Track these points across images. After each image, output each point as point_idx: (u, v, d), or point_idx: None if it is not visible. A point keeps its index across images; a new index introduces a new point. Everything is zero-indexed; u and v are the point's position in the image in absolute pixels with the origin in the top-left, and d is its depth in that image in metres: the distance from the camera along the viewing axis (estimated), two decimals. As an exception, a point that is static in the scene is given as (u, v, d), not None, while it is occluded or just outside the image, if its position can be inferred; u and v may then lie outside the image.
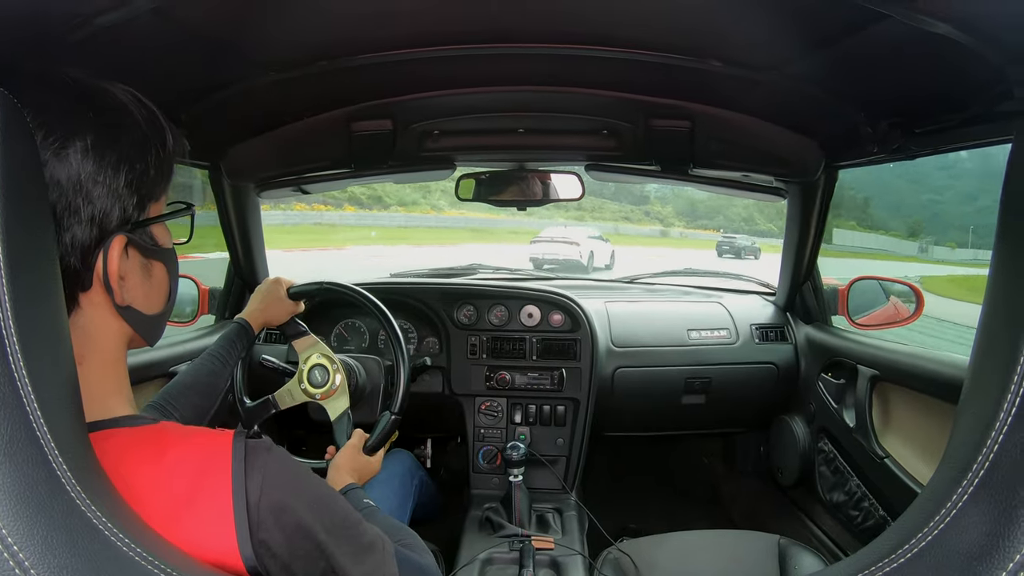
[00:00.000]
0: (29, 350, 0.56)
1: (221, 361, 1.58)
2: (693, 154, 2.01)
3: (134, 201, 0.75)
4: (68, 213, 0.70)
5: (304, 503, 0.79)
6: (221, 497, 0.71)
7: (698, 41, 1.50)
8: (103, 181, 0.72)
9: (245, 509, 0.71)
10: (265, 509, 0.73)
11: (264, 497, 0.73)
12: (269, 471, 0.75)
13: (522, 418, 2.34)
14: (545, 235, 21.94)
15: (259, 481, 0.74)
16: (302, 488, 0.81)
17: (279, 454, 0.79)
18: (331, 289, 1.79)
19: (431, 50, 1.57)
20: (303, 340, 1.76)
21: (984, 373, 0.68)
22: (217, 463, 0.73)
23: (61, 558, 0.52)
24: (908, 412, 1.85)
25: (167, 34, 1.16)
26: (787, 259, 2.40)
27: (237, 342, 1.63)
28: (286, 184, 2.27)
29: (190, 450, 0.74)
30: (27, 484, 0.53)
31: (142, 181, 0.76)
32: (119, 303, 0.76)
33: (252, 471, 0.74)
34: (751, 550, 1.76)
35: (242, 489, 0.72)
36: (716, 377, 2.40)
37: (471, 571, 1.77)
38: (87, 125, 0.70)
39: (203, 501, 0.71)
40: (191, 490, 0.71)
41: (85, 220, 0.71)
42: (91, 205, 0.71)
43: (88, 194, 0.71)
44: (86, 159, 0.70)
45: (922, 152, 1.63)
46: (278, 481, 0.76)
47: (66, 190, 0.69)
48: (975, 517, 0.60)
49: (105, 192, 0.72)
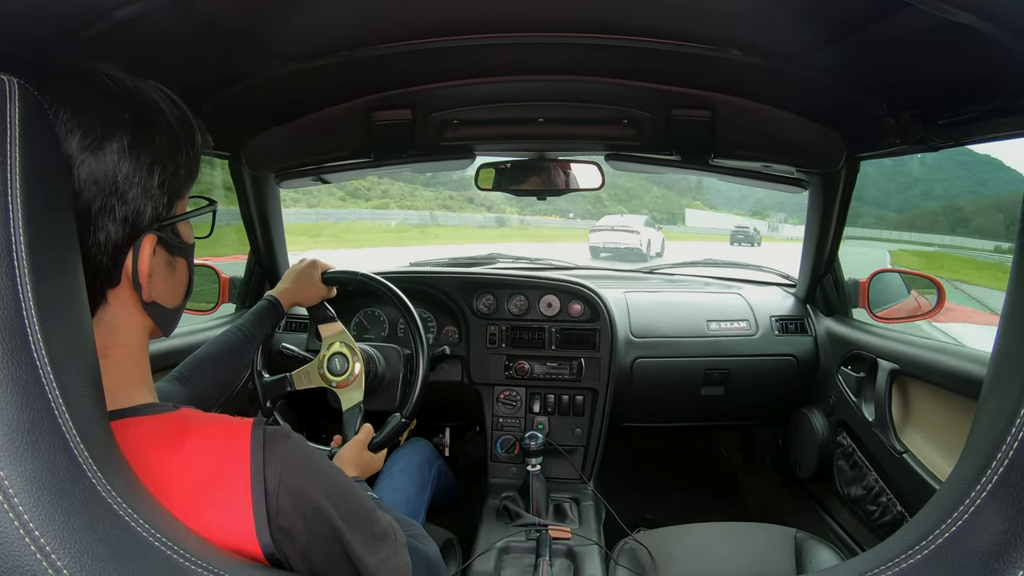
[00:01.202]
0: (51, 338, 0.57)
1: (247, 336, 1.59)
2: (713, 144, 2.00)
3: (164, 200, 0.76)
4: (103, 212, 0.70)
5: (321, 489, 0.79)
6: (240, 485, 0.72)
7: (718, 30, 1.49)
8: (138, 182, 0.72)
9: (263, 496, 0.72)
10: (284, 496, 0.74)
11: (283, 484, 0.74)
12: (288, 459, 0.76)
13: (540, 407, 2.35)
14: (605, 223, 22.06)
15: (278, 469, 0.74)
16: (319, 475, 0.81)
17: (297, 441, 0.80)
18: (364, 282, 1.80)
19: (451, 39, 1.57)
20: (329, 326, 1.77)
21: (1005, 369, 0.67)
22: (236, 451, 0.73)
23: (82, 543, 0.53)
24: (928, 407, 1.83)
25: (185, 26, 1.17)
26: (808, 251, 2.38)
27: (266, 318, 1.64)
28: (306, 174, 2.28)
29: (209, 438, 0.74)
30: (49, 471, 0.53)
31: (173, 180, 0.77)
32: (146, 300, 0.77)
33: (271, 459, 0.74)
34: (767, 543, 1.76)
35: (260, 477, 0.72)
36: (735, 369, 2.39)
37: (488, 559, 1.78)
38: (124, 125, 0.71)
39: (222, 489, 0.71)
40: (210, 478, 0.71)
41: (119, 219, 0.72)
42: (125, 205, 0.72)
43: (123, 195, 0.71)
44: (123, 159, 0.70)
45: (945, 144, 1.61)
46: (296, 468, 0.77)
47: (102, 189, 0.69)
48: (994, 515, 0.59)
49: (139, 193, 0.73)
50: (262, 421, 0.78)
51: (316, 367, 1.74)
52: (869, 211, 31.50)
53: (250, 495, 0.72)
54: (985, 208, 34.57)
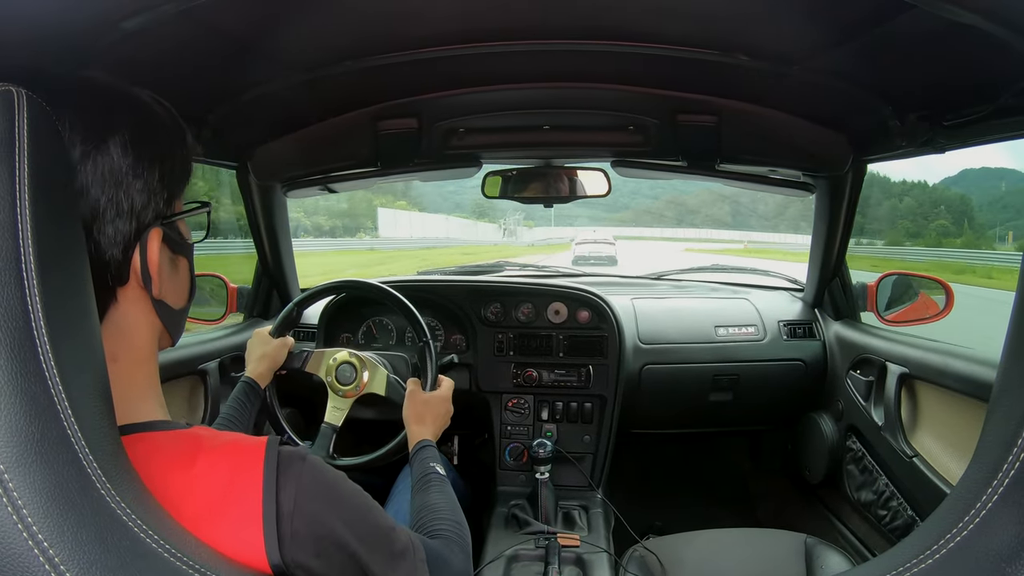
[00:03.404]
0: (60, 350, 0.57)
1: (234, 423, 1.62)
2: (720, 149, 2.00)
3: (165, 196, 0.78)
4: (111, 205, 0.72)
5: (338, 513, 0.80)
6: (250, 505, 0.71)
7: (723, 35, 1.49)
8: (141, 175, 0.74)
9: (275, 519, 0.72)
10: (299, 520, 0.74)
11: (298, 508, 0.74)
12: (303, 481, 0.76)
13: (549, 415, 2.34)
14: (586, 237, 25.82)
15: (293, 493, 0.74)
16: (337, 497, 0.81)
17: (313, 463, 0.80)
18: (301, 303, 1.90)
19: (456, 48, 1.58)
20: (314, 359, 1.84)
21: (1015, 371, 0.66)
22: (248, 472, 0.73)
23: (91, 554, 0.53)
24: (938, 410, 1.82)
25: (193, 36, 1.18)
26: (815, 255, 2.37)
27: (247, 402, 1.67)
28: (313, 183, 2.28)
29: (222, 457, 0.74)
30: (58, 482, 0.54)
31: (171, 177, 0.78)
32: (156, 295, 0.78)
33: (285, 481, 0.74)
34: (777, 549, 1.75)
35: (272, 499, 0.72)
36: (744, 374, 2.38)
37: (497, 568, 1.78)
38: (123, 122, 0.73)
39: (233, 508, 0.71)
40: (221, 498, 0.71)
41: (126, 213, 0.73)
42: (130, 199, 0.73)
43: (128, 188, 0.73)
44: (126, 153, 0.72)
45: (951, 145, 1.61)
46: (313, 491, 0.77)
47: (108, 184, 0.71)
48: (1005, 518, 0.59)
49: (143, 186, 0.74)
50: (276, 441, 0.78)
51: (325, 368, 1.82)
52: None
53: (261, 515, 0.71)
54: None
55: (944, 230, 39.66)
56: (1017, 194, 42.87)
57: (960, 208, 43.92)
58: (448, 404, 1.72)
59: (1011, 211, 42.17)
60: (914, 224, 42.90)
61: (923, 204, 45.37)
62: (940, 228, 40.16)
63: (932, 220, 42.14)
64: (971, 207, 44.50)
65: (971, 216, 42.71)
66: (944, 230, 39.66)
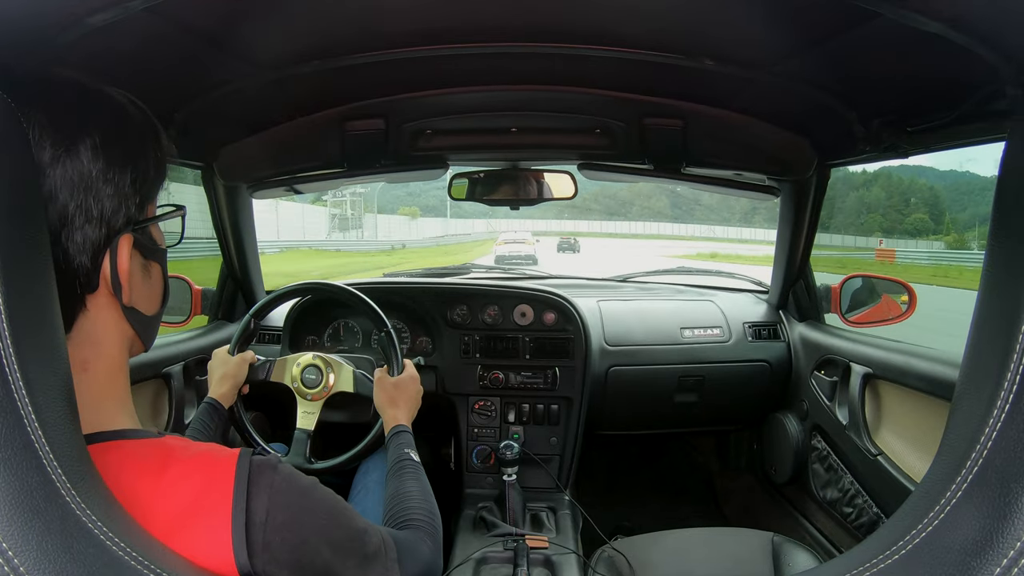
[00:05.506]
0: (23, 353, 0.56)
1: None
2: (686, 153, 2.02)
3: (136, 201, 0.76)
4: (80, 212, 0.70)
5: (311, 520, 0.79)
6: (220, 514, 0.71)
7: (690, 39, 1.50)
8: (112, 179, 0.72)
9: (244, 526, 0.71)
10: (272, 530, 0.73)
11: (271, 518, 0.73)
12: (275, 490, 0.75)
13: (516, 417, 2.34)
14: (510, 237, 25.74)
15: (265, 502, 0.74)
16: (309, 506, 0.81)
17: (285, 471, 0.79)
18: (257, 313, 1.86)
19: (424, 49, 1.57)
20: (277, 368, 1.81)
21: (978, 369, 0.67)
22: (219, 481, 0.73)
23: (57, 563, 0.52)
24: (901, 409, 1.86)
25: (160, 33, 1.16)
26: (780, 257, 2.41)
27: (209, 422, 1.65)
28: (279, 184, 2.26)
29: (193, 467, 0.73)
30: (23, 489, 0.52)
31: (144, 181, 0.76)
32: (126, 303, 0.76)
33: (257, 491, 0.74)
34: (745, 548, 1.76)
35: (243, 506, 0.72)
36: (709, 375, 2.40)
37: (466, 571, 1.77)
38: (93, 124, 0.71)
39: (203, 518, 0.70)
40: (191, 507, 0.70)
41: (95, 219, 0.71)
42: (100, 204, 0.71)
43: (98, 193, 0.71)
44: (96, 157, 0.70)
45: (915, 150, 1.64)
46: (285, 500, 0.76)
47: (77, 188, 0.69)
48: (969, 513, 0.60)
49: (113, 191, 0.72)
50: (248, 452, 0.77)
51: (290, 375, 1.77)
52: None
53: (230, 522, 0.70)
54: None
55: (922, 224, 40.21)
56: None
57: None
58: (417, 384, 1.72)
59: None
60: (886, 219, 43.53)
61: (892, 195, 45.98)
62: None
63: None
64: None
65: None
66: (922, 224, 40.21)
